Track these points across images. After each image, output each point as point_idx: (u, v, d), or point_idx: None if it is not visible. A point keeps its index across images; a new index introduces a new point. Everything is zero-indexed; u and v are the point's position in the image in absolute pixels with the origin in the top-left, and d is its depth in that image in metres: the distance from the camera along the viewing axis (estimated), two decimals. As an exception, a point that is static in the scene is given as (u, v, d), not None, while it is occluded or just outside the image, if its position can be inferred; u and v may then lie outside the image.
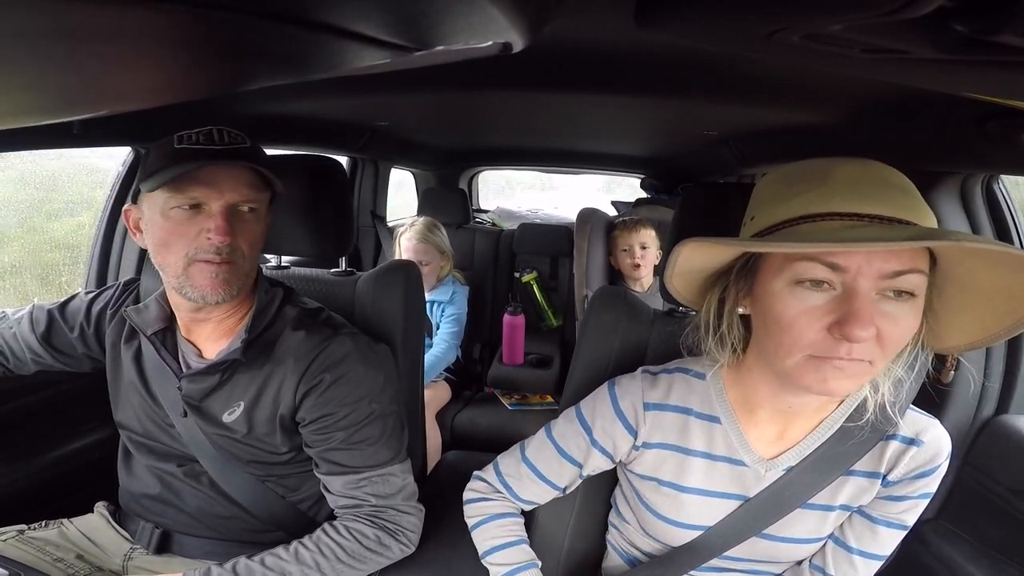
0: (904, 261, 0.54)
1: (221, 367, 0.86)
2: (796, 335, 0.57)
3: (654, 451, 0.75)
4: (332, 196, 1.05)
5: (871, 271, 0.54)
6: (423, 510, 0.95)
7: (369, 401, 0.88)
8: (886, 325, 0.55)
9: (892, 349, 0.56)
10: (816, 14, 0.33)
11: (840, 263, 0.54)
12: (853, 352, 0.55)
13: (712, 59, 0.77)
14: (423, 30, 0.38)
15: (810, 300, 0.56)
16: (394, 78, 0.94)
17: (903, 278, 0.54)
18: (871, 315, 0.54)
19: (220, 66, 0.38)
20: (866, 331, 0.53)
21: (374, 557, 0.88)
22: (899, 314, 0.55)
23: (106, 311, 0.97)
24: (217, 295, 0.81)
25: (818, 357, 0.56)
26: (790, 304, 0.57)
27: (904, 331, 0.56)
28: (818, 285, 0.56)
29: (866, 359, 0.56)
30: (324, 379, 0.85)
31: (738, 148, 1.65)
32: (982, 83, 0.46)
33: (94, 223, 1.37)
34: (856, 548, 0.72)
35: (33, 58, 0.26)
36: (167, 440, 0.92)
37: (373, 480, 0.88)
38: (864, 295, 0.54)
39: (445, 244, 2.14)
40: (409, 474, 0.94)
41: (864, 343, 0.54)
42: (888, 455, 0.68)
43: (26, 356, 0.97)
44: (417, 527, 0.93)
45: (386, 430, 0.90)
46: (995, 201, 1.11)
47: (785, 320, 0.58)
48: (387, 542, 0.88)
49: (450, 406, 2.01)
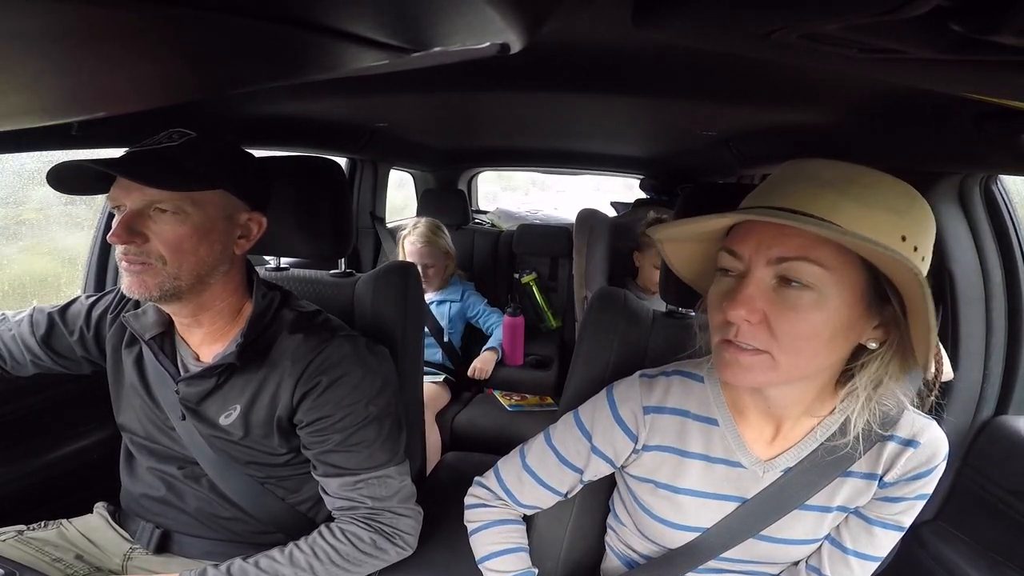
0: (790, 248, 0.56)
1: (217, 370, 0.86)
2: (711, 316, 0.64)
3: (652, 453, 0.75)
4: (331, 197, 1.05)
5: (759, 257, 0.57)
6: (421, 512, 0.94)
7: (366, 403, 0.87)
8: (775, 312, 0.57)
9: (790, 342, 0.57)
10: (814, 14, 0.33)
11: (736, 249, 0.60)
12: (740, 335, 0.58)
13: (710, 59, 0.77)
14: (421, 31, 0.38)
15: (721, 285, 0.62)
16: (392, 79, 0.94)
17: (790, 265, 0.56)
18: (750, 296, 0.57)
19: (218, 68, 0.38)
20: (737, 310, 0.57)
21: (369, 560, 0.88)
22: (792, 303, 0.57)
23: (106, 316, 0.97)
24: (136, 293, 0.79)
25: (723, 341, 0.61)
26: (712, 290, 0.64)
27: (796, 324, 0.57)
28: (728, 273, 0.61)
29: (759, 347, 0.58)
30: (321, 381, 0.85)
31: (737, 148, 1.65)
32: (980, 83, 0.46)
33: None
34: (852, 549, 0.72)
35: (32, 59, 0.26)
36: (168, 443, 0.92)
37: (370, 482, 0.88)
38: (754, 280, 0.58)
39: (449, 245, 2.15)
40: (407, 476, 0.94)
41: (751, 328, 0.58)
42: (885, 456, 0.68)
43: (25, 358, 0.97)
44: (415, 529, 0.92)
45: (383, 432, 0.89)
46: (993, 201, 1.11)
47: (709, 304, 0.64)
48: (383, 545, 0.88)
49: (450, 407, 2.01)
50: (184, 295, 0.82)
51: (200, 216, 0.80)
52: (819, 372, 0.63)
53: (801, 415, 0.69)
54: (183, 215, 0.79)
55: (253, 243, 0.89)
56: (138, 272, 0.78)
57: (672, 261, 0.72)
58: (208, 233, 0.81)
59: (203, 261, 0.82)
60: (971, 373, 1.12)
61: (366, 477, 0.88)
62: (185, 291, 0.81)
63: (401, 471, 0.92)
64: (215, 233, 0.82)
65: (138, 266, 0.78)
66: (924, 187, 1.06)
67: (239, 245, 0.87)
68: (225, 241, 0.84)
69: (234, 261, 0.88)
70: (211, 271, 0.83)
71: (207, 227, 0.81)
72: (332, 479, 0.88)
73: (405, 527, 0.90)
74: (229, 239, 0.85)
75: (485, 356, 2.12)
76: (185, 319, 0.88)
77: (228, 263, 0.86)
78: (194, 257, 0.80)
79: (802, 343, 0.58)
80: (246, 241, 0.88)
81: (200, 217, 0.80)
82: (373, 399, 0.88)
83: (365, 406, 0.87)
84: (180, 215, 0.79)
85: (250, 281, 0.92)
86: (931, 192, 1.08)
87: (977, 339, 1.11)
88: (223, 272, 0.86)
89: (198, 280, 0.82)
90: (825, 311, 0.56)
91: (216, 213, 0.82)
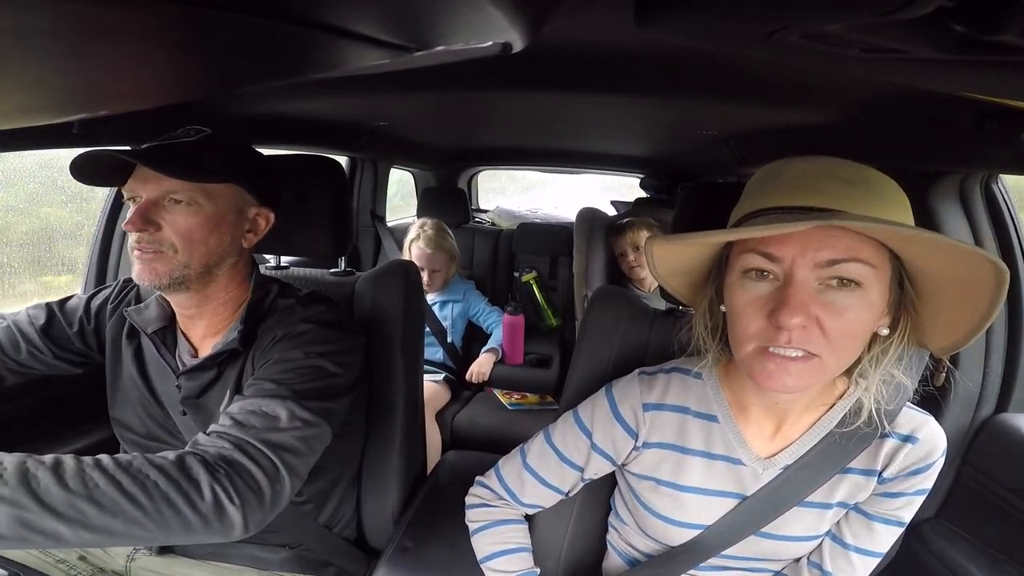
0: (839, 250, 0.55)
1: (217, 360, 0.87)
2: (745, 325, 0.60)
3: (652, 451, 0.75)
4: (331, 196, 1.05)
5: (805, 260, 0.55)
6: (284, 480, 0.70)
7: (308, 355, 0.82)
8: (827, 315, 0.56)
9: (840, 342, 0.57)
10: (816, 14, 0.33)
11: (774, 253, 0.57)
12: (793, 340, 0.56)
13: (712, 59, 0.77)
14: (422, 30, 0.38)
15: (755, 290, 0.59)
16: (394, 78, 0.94)
17: (840, 266, 0.55)
18: (803, 302, 0.55)
19: (219, 66, 0.38)
20: (794, 317, 0.55)
21: (169, 493, 0.62)
22: (843, 304, 0.56)
23: (106, 306, 0.98)
24: (146, 280, 0.81)
25: (764, 349, 0.58)
26: (739, 295, 0.60)
27: (850, 323, 0.56)
28: (762, 276, 0.58)
29: (810, 351, 0.56)
30: (276, 335, 0.85)
31: (737, 148, 1.65)
32: (981, 83, 0.46)
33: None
34: (853, 545, 0.72)
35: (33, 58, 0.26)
36: (168, 439, 0.92)
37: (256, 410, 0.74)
38: (799, 283, 0.56)
39: (454, 248, 2.16)
40: (303, 428, 0.75)
41: (803, 332, 0.56)
42: (884, 452, 0.68)
43: (21, 347, 0.94)
44: (259, 490, 0.67)
45: (311, 385, 0.79)
46: (994, 201, 1.11)
47: (736, 311, 0.61)
48: (199, 479, 0.64)
49: (450, 406, 2.02)
50: (192, 284, 0.84)
51: (212, 208, 0.83)
52: (848, 365, 0.63)
53: (804, 410, 0.69)
54: (196, 206, 0.82)
55: (260, 237, 0.91)
56: (150, 260, 0.80)
57: (657, 264, 0.68)
58: (219, 224, 0.84)
59: (212, 251, 0.84)
60: (971, 371, 1.12)
61: (258, 402, 0.75)
62: (193, 280, 0.83)
63: (298, 415, 0.75)
64: (225, 225, 0.85)
65: (150, 254, 0.80)
66: (924, 186, 1.07)
67: (247, 239, 0.90)
68: (234, 233, 0.87)
69: (241, 254, 0.90)
70: (219, 262, 0.86)
71: (218, 219, 0.84)
72: (233, 404, 0.77)
73: (245, 472, 0.67)
74: (238, 232, 0.88)
75: (483, 359, 2.11)
76: (189, 310, 0.89)
77: (236, 256, 0.89)
78: (204, 247, 0.83)
79: (851, 341, 0.58)
80: (254, 235, 0.90)
81: (212, 209, 0.83)
82: (321, 354, 0.82)
83: (305, 356, 0.81)
84: (194, 206, 0.82)
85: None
86: (931, 191, 1.08)
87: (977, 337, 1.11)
88: (230, 264, 0.88)
89: (206, 270, 0.84)
90: (871, 308, 0.57)
91: (227, 206, 0.85)
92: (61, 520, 0.57)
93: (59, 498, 0.57)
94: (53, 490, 0.58)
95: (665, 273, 0.70)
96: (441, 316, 2.16)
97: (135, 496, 0.60)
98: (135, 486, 0.61)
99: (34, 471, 0.59)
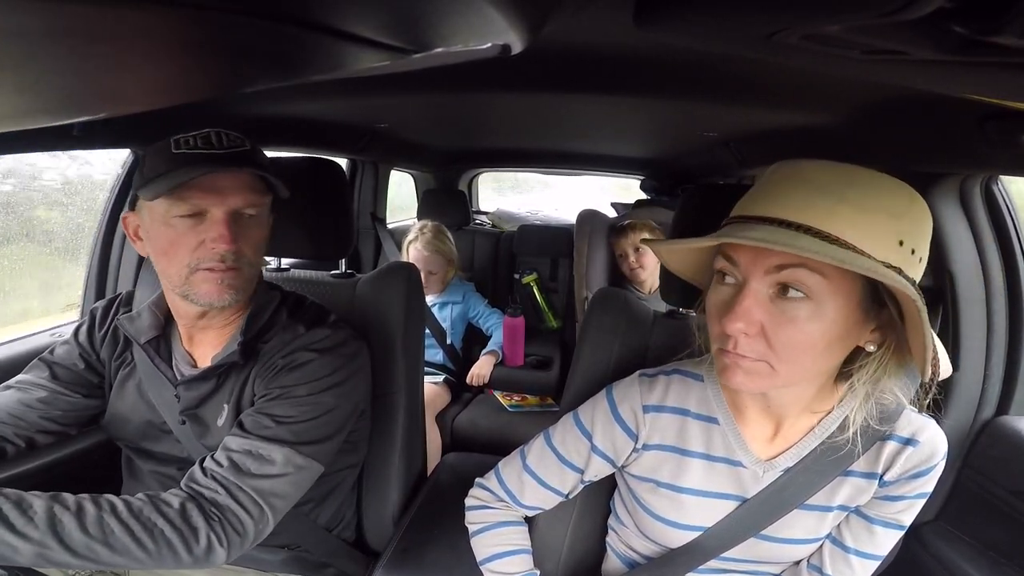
0: (786, 256, 0.55)
1: (217, 371, 0.86)
2: (711, 326, 0.62)
3: (653, 452, 0.75)
4: (332, 198, 1.06)
5: (757, 267, 0.56)
6: (267, 525, 0.77)
7: (310, 391, 0.83)
8: (772, 324, 0.56)
9: (787, 353, 0.57)
10: (816, 15, 0.33)
11: (734, 256, 0.59)
12: (738, 347, 0.58)
13: (712, 60, 0.77)
14: (422, 32, 0.38)
15: (721, 293, 0.61)
16: (394, 80, 0.94)
17: (788, 272, 0.55)
18: (748, 309, 0.56)
19: (220, 68, 0.38)
20: (736, 323, 0.56)
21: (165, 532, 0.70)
22: (790, 315, 0.56)
23: (94, 333, 0.94)
24: (223, 300, 0.80)
25: (722, 350, 0.60)
26: (711, 297, 0.62)
27: (795, 335, 0.56)
28: (726, 280, 0.60)
29: (757, 358, 0.57)
30: (278, 364, 0.84)
31: (738, 149, 1.65)
32: (982, 84, 0.46)
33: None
34: (853, 548, 0.72)
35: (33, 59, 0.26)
36: (167, 447, 0.91)
37: (252, 452, 0.78)
38: (752, 290, 0.57)
39: (453, 251, 2.16)
40: (291, 473, 0.79)
41: (749, 340, 0.57)
42: (884, 455, 0.68)
43: (31, 415, 0.86)
44: (243, 532, 0.74)
45: (312, 420, 0.82)
46: (994, 202, 1.11)
47: (708, 312, 0.63)
48: (194, 521, 0.72)
49: (450, 408, 2.02)
50: (243, 297, 0.84)
51: (267, 218, 0.85)
52: (818, 375, 0.64)
53: (800, 413, 0.69)
54: (262, 218, 0.83)
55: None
56: (230, 278, 0.80)
57: (668, 261, 0.73)
58: (267, 235, 0.86)
59: (260, 262, 0.86)
60: (972, 373, 1.12)
61: (256, 444, 0.78)
62: (247, 292, 0.85)
63: (293, 462, 0.79)
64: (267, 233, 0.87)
65: (232, 272, 0.79)
66: (924, 187, 1.07)
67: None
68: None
69: None
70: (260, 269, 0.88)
71: (268, 229, 0.86)
72: (231, 437, 0.80)
73: (235, 518, 0.74)
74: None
75: (483, 361, 2.11)
76: (201, 321, 0.87)
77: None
78: (261, 259, 0.85)
79: (799, 353, 0.58)
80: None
81: (267, 219, 0.85)
82: (323, 389, 0.84)
83: (308, 392, 0.83)
84: (260, 217, 0.83)
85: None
86: (932, 192, 1.08)
87: (978, 339, 1.11)
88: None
89: (253, 282, 0.86)
90: (823, 321, 0.56)
91: (268, 215, 0.86)
92: (76, 557, 0.66)
93: (79, 542, 0.66)
94: (75, 535, 0.66)
95: (682, 272, 0.73)
96: (441, 318, 2.16)
97: (143, 541, 0.69)
98: (144, 532, 0.69)
99: (60, 516, 0.66)
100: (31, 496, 0.67)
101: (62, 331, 1.28)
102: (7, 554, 0.63)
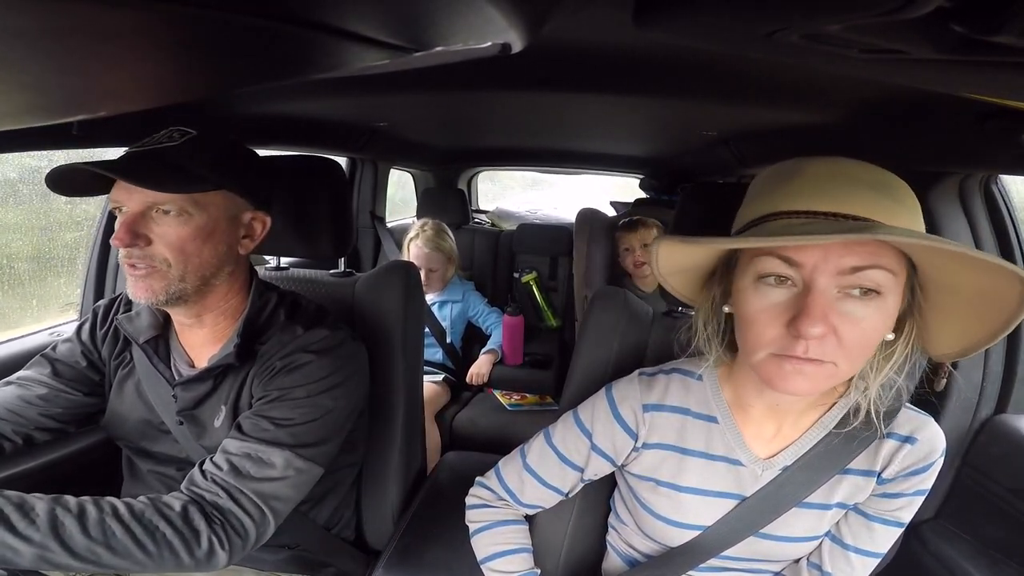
0: (863, 257, 0.53)
1: (214, 372, 0.85)
2: (759, 331, 0.58)
3: (652, 451, 0.75)
4: (331, 197, 1.05)
5: (827, 267, 0.54)
6: (269, 527, 0.79)
7: (308, 393, 0.83)
8: (845, 324, 0.54)
9: (856, 351, 0.56)
10: (815, 14, 0.33)
11: (795, 258, 0.54)
12: (810, 351, 0.54)
13: (711, 59, 0.77)
14: (421, 31, 0.38)
15: (772, 297, 0.57)
16: (393, 79, 0.94)
17: (862, 274, 0.53)
18: (824, 312, 0.53)
19: (219, 67, 0.38)
20: (815, 328, 0.53)
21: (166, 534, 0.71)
22: (861, 314, 0.54)
23: (96, 332, 0.94)
24: (142, 299, 0.78)
25: (779, 355, 0.56)
26: (753, 301, 0.58)
27: (867, 332, 0.55)
28: (781, 282, 0.56)
29: (826, 360, 0.55)
30: (275, 366, 0.84)
31: (737, 148, 1.65)
32: (981, 83, 0.46)
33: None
34: (852, 546, 0.72)
35: (33, 58, 0.26)
36: (165, 447, 0.91)
37: (252, 455, 0.78)
38: (820, 291, 0.54)
39: (454, 249, 2.16)
40: (292, 475, 0.80)
41: (821, 342, 0.54)
42: (883, 453, 0.68)
43: (30, 412, 0.87)
44: (244, 534, 0.76)
45: (312, 423, 0.82)
46: (993, 201, 1.12)
47: (750, 316, 0.58)
48: (196, 524, 0.72)
49: (449, 406, 2.02)
50: (190, 298, 0.81)
51: (203, 217, 0.79)
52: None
53: (805, 410, 0.69)
54: (186, 216, 0.77)
55: (258, 243, 0.88)
56: (143, 276, 0.77)
57: (666, 260, 0.67)
58: (212, 234, 0.80)
59: (208, 263, 0.80)
60: (971, 372, 1.12)
61: (256, 447, 0.78)
62: (191, 294, 0.80)
63: (293, 465, 0.79)
64: (219, 234, 0.81)
65: (143, 270, 0.77)
66: (924, 187, 1.07)
67: (243, 245, 0.86)
68: (229, 241, 0.83)
69: (239, 261, 0.87)
70: (216, 272, 0.82)
71: (210, 228, 0.80)
72: (230, 440, 0.80)
73: (236, 521, 0.75)
74: (233, 239, 0.84)
75: (482, 360, 2.12)
76: (188, 320, 0.87)
77: (233, 263, 0.85)
78: (198, 259, 0.79)
79: (866, 350, 0.57)
80: (250, 241, 0.87)
81: (203, 218, 0.79)
82: (322, 391, 0.84)
83: (307, 395, 0.82)
84: (183, 216, 0.77)
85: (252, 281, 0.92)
86: (931, 192, 1.08)
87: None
88: (228, 273, 0.85)
89: (203, 282, 0.81)
90: (888, 315, 0.56)
91: (219, 214, 0.81)
92: (78, 560, 0.66)
93: (81, 544, 0.65)
94: (77, 537, 0.65)
95: (667, 272, 0.69)
96: (440, 316, 2.16)
97: (144, 544, 0.69)
98: (146, 535, 0.69)
99: (62, 519, 0.66)
100: (33, 498, 0.67)
101: (61, 330, 1.28)
102: (8, 556, 0.63)
